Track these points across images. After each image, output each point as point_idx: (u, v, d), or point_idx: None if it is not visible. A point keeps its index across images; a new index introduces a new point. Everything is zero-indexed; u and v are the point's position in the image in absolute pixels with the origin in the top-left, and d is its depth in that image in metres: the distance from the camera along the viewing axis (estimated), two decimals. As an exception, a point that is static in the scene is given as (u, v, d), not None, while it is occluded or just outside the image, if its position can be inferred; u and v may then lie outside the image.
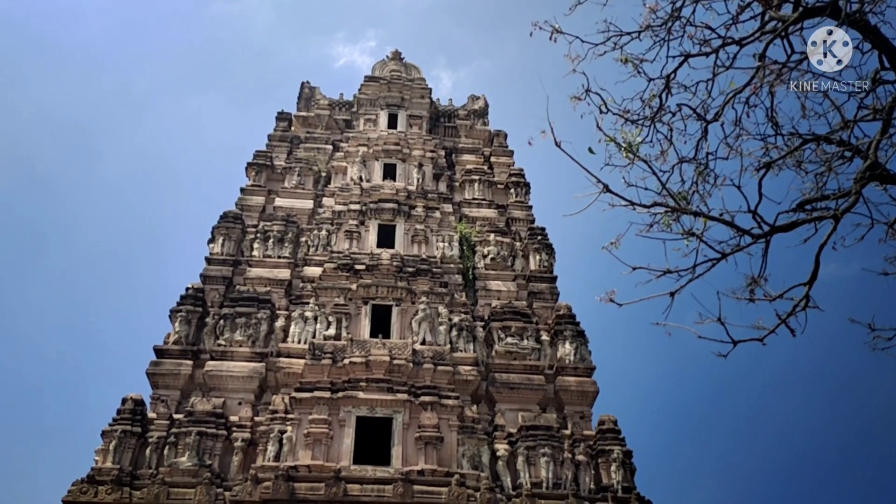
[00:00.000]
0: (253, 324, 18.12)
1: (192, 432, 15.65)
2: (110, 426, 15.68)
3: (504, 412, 17.41)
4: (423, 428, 15.90)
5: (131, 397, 16.31)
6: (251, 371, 17.38)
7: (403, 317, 18.61)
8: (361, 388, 16.43)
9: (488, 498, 14.88)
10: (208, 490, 14.72)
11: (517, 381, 17.88)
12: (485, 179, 23.96)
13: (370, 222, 21.25)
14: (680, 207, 6.07)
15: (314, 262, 20.39)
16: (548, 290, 20.54)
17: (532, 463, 16.03)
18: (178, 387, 17.17)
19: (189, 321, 18.19)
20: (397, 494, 14.57)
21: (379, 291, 18.93)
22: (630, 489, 15.80)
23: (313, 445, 15.53)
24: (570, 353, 18.43)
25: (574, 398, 17.77)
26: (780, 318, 5.54)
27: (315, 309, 18.47)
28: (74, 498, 14.47)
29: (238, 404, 16.98)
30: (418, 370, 17.12)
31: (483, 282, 20.69)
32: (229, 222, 21.11)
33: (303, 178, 23.39)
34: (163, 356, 17.63)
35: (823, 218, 5.80)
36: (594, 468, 16.33)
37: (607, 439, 16.59)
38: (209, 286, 19.62)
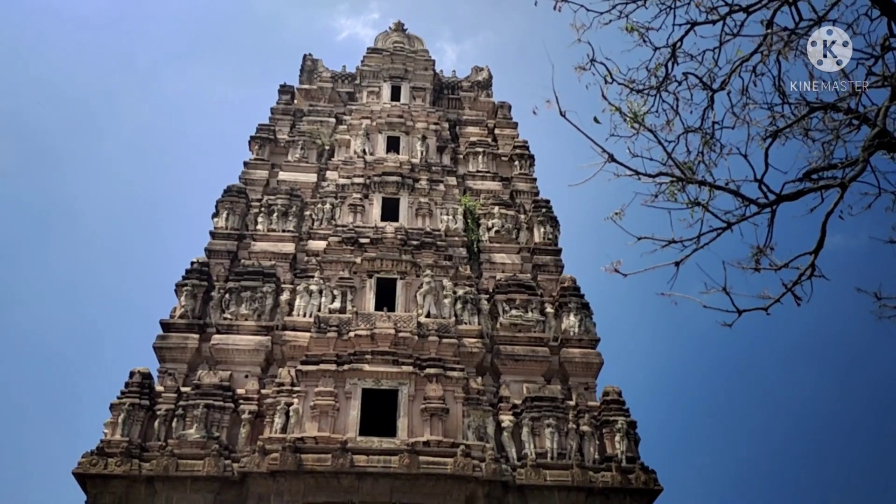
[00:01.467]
0: (258, 297, 18.19)
1: (200, 405, 15.79)
2: (118, 399, 15.83)
3: (509, 384, 17.50)
4: (428, 400, 16.01)
5: (139, 371, 16.44)
6: (257, 344, 17.48)
7: (408, 290, 18.65)
8: (367, 360, 16.52)
9: (493, 468, 15.03)
10: (217, 461, 14.89)
11: (522, 353, 17.95)
12: (489, 152, 23.85)
13: (374, 196, 21.20)
14: (685, 177, 6.03)
15: (318, 235, 20.40)
16: (552, 263, 20.54)
17: (537, 434, 16.15)
18: (184, 360, 17.29)
19: (195, 295, 18.26)
20: (403, 465, 14.71)
21: (383, 265, 18.95)
22: (634, 459, 15.93)
23: (320, 417, 15.66)
24: (575, 325, 18.48)
25: (578, 370, 17.85)
26: (786, 287, 5.52)
27: (320, 282, 18.52)
28: (84, 470, 14.65)
29: (245, 377, 17.10)
30: (423, 343, 17.19)
31: (487, 255, 20.70)
32: (233, 196, 21.09)
33: (306, 152, 23.31)
34: (169, 330, 17.73)
35: (830, 187, 5.75)
36: (598, 439, 16.45)
37: (612, 410, 16.68)
38: (214, 260, 19.67)
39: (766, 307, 5.70)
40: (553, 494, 15.18)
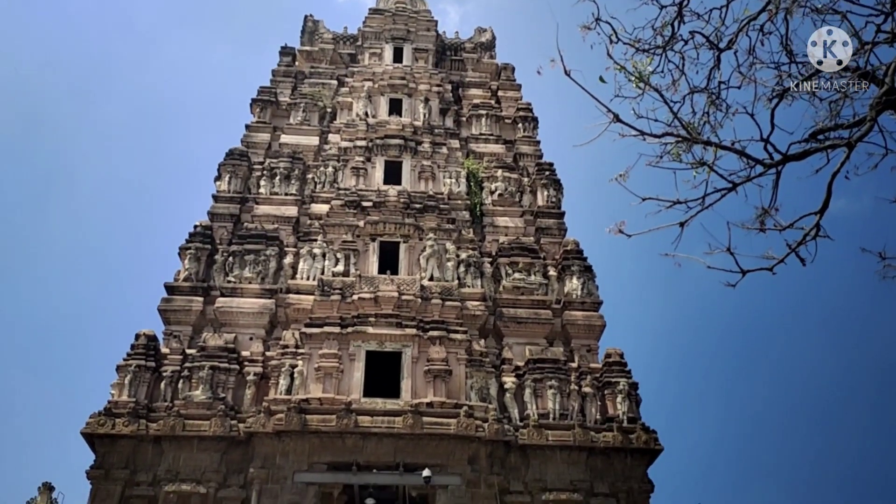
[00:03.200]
0: (262, 261, 18.23)
1: (206, 367, 15.93)
2: (125, 361, 15.97)
3: (511, 346, 17.61)
4: (431, 361, 16.13)
5: (144, 333, 16.56)
6: (261, 307, 17.57)
7: (411, 253, 18.66)
8: (370, 323, 16.61)
9: (496, 428, 15.20)
10: (223, 422, 15.08)
11: (524, 315, 18.03)
12: (492, 114, 23.65)
13: (376, 159, 21.10)
14: (691, 137, 5.97)
15: (321, 199, 20.36)
16: (555, 226, 20.52)
17: (539, 395, 16.30)
18: (189, 323, 17.40)
19: (198, 258, 18.30)
20: (407, 426, 14.88)
21: (386, 228, 18.94)
22: (635, 419, 16.10)
23: (324, 379, 15.80)
24: (578, 287, 18.52)
25: (581, 332, 17.95)
26: (790, 248, 5.50)
27: (323, 246, 18.54)
28: (93, 430, 14.85)
29: (249, 339, 17.23)
30: (426, 305, 17.27)
31: (490, 218, 20.66)
32: (235, 160, 21.01)
33: (308, 115, 23.14)
34: (173, 293, 17.81)
35: (837, 146, 5.70)
36: (600, 400, 16.60)
37: (613, 372, 16.81)
38: (217, 224, 19.67)
39: (771, 267, 5.69)
40: (555, 454, 15.38)
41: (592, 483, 15.25)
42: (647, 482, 15.40)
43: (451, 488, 14.63)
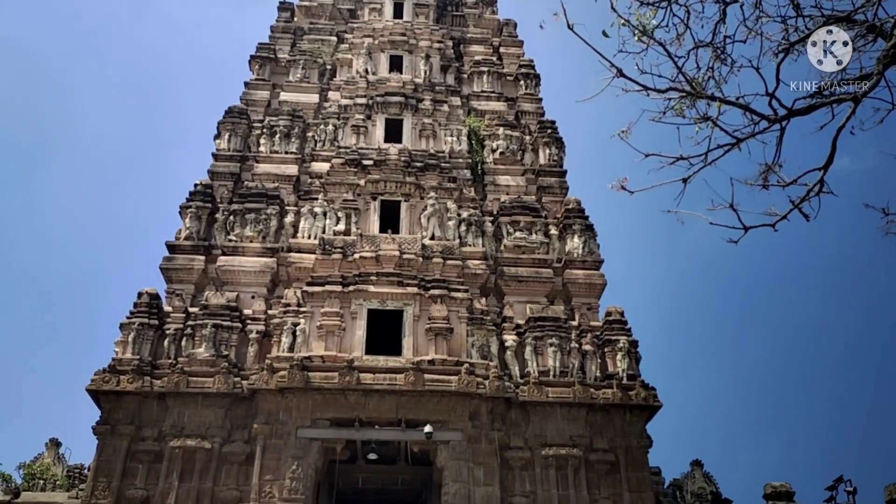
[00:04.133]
0: (262, 219, 18.20)
1: (208, 325, 16.02)
2: (128, 319, 16.06)
3: (512, 304, 17.68)
4: (432, 320, 16.22)
5: (147, 291, 16.62)
6: (263, 266, 17.60)
7: (412, 212, 18.63)
8: (372, 281, 16.66)
9: (497, 385, 15.35)
10: (226, 379, 15.23)
11: (525, 274, 18.07)
12: (494, 71, 23.37)
13: (377, 116, 20.92)
14: (695, 92, 5.90)
15: (321, 157, 20.24)
16: (557, 185, 20.43)
17: (539, 352, 16.42)
18: (191, 281, 17.46)
19: (199, 217, 18.28)
20: (409, 383, 15.03)
21: (387, 187, 18.88)
22: (635, 377, 16.25)
23: (326, 337, 15.91)
24: (579, 246, 18.52)
25: (582, 290, 18.00)
26: (794, 204, 5.48)
27: (324, 204, 18.49)
28: (98, 387, 15.01)
29: (251, 298, 17.30)
30: (428, 264, 17.29)
31: (492, 176, 20.57)
32: (234, 118, 20.83)
33: (307, 72, 22.87)
34: (175, 251, 17.84)
35: (843, 101, 5.63)
36: (600, 357, 16.73)
37: (614, 330, 16.91)
38: (217, 182, 19.60)
39: (773, 223, 5.67)
40: (555, 410, 15.55)
41: (592, 438, 15.46)
42: (645, 438, 15.61)
43: (453, 444, 14.84)
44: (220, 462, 14.71)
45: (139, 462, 14.67)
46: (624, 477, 15.11)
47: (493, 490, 14.56)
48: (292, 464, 14.37)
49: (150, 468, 14.62)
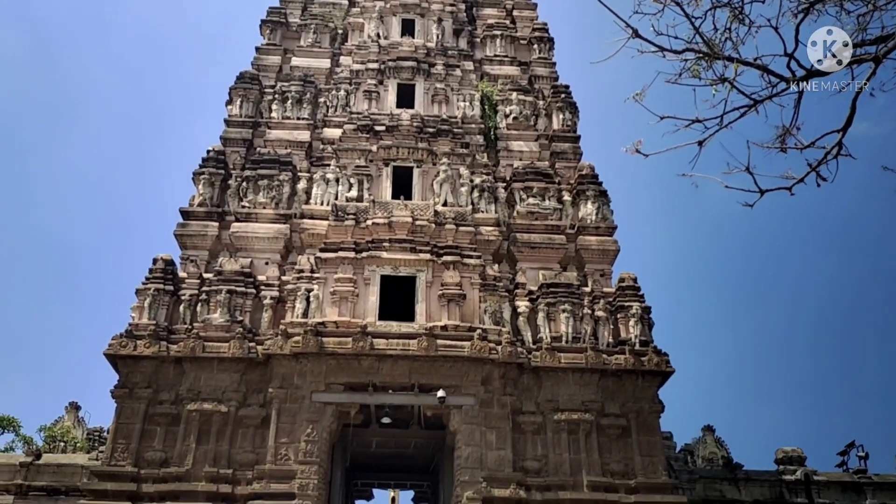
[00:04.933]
0: (275, 186, 18.20)
1: (223, 290, 16.14)
2: (143, 285, 16.20)
3: (525, 271, 17.67)
4: (445, 286, 16.25)
5: (161, 257, 16.73)
6: (276, 232, 17.65)
7: (425, 178, 18.57)
8: (385, 248, 16.68)
9: (509, 351, 15.42)
10: (241, 344, 15.38)
11: (538, 240, 18.02)
12: (507, 35, 23.05)
13: (389, 81, 20.74)
14: (712, 53, 5.79)
15: (333, 123, 20.15)
16: (570, 150, 20.26)
17: (552, 318, 16.44)
18: (205, 247, 17.55)
19: (212, 183, 18.31)
20: (422, 348, 15.13)
21: (399, 153, 18.80)
22: (647, 342, 16.26)
23: (339, 303, 16.00)
24: (592, 212, 18.42)
25: (595, 257, 17.95)
26: (811, 167, 5.40)
27: (336, 171, 18.45)
28: (115, 351, 15.21)
29: (265, 264, 17.38)
30: (440, 230, 17.28)
31: (505, 142, 20.41)
32: (246, 83, 20.73)
33: (319, 36, 22.65)
34: (189, 218, 17.91)
35: (863, 61, 5.52)
36: (613, 323, 16.74)
37: (627, 296, 16.89)
38: (230, 148, 19.58)
39: (790, 187, 5.60)
40: (567, 376, 15.62)
41: (604, 403, 15.54)
42: (657, 403, 15.66)
43: (465, 408, 14.97)
44: (237, 425, 14.93)
45: (157, 425, 14.92)
46: (635, 441, 15.21)
47: (505, 454, 14.71)
48: (307, 427, 14.57)
49: (168, 431, 14.87)
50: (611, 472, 14.95)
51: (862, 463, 19.25)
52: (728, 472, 18.17)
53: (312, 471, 14.16)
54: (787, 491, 17.84)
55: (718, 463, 19.81)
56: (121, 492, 14.05)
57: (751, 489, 17.71)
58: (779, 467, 18.61)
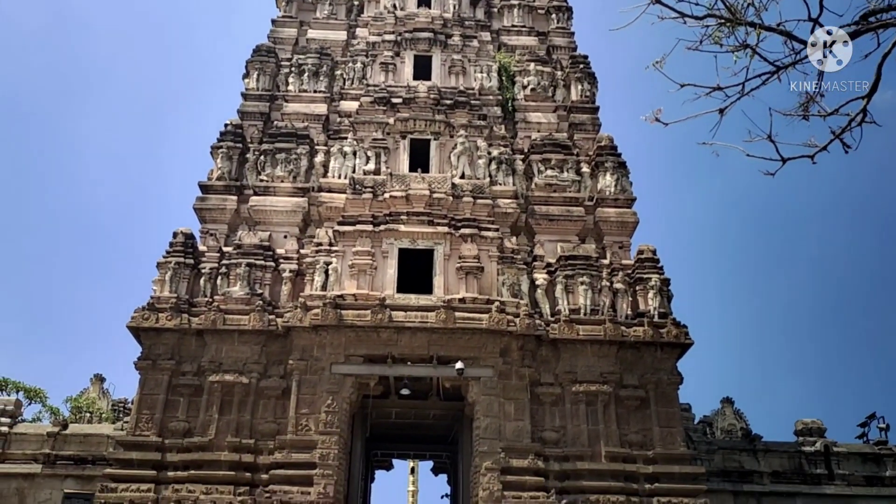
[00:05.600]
0: (293, 159, 18.23)
1: (242, 264, 16.28)
2: (164, 258, 16.37)
3: (543, 243, 17.64)
4: (463, 259, 16.27)
5: (181, 231, 16.88)
6: (294, 206, 17.71)
7: (442, 151, 18.50)
8: (402, 221, 16.70)
9: (527, 323, 15.45)
10: (261, 316, 15.54)
11: (557, 212, 17.95)
12: (524, 4, 22.75)
13: (405, 53, 20.60)
14: (734, 18, 5.68)
15: (350, 95, 20.10)
16: (589, 121, 20.07)
17: (570, 291, 16.43)
18: (224, 221, 17.66)
19: (230, 157, 18.37)
20: (440, 321, 15.19)
21: (416, 125, 18.72)
22: (666, 314, 16.21)
23: (358, 276, 16.08)
24: (611, 184, 18.29)
25: (613, 229, 17.86)
26: (834, 134, 5.31)
27: (353, 144, 18.44)
28: (138, 324, 15.43)
29: (283, 237, 17.48)
30: (458, 203, 17.26)
31: (523, 113, 20.26)
32: (262, 56, 20.68)
33: (335, 8, 22.50)
34: (208, 192, 18.01)
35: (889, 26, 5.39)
36: (632, 296, 16.69)
37: (645, 268, 16.81)
38: (247, 122, 19.61)
39: (812, 155, 5.51)
40: (585, 348, 15.64)
41: (622, 375, 15.56)
42: (676, 374, 15.66)
43: (484, 380, 15.06)
44: (258, 396, 15.14)
45: (180, 396, 15.16)
46: (654, 412, 15.24)
47: (523, 424, 14.81)
48: (327, 398, 14.75)
49: (191, 401, 15.12)
50: (629, 442, 15.01)
51: (882, 434, 19.19)
52: (747, 443, 18.18)
53: (333, 441, 14.36)
54: (806, 462, 17.84)
55: (737, 434, 19.82)
56: (146, 461, 14.34)
57: (770, 460, 17.73)
58: (798, 439, 18.59)
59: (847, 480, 17.62)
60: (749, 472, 17.48)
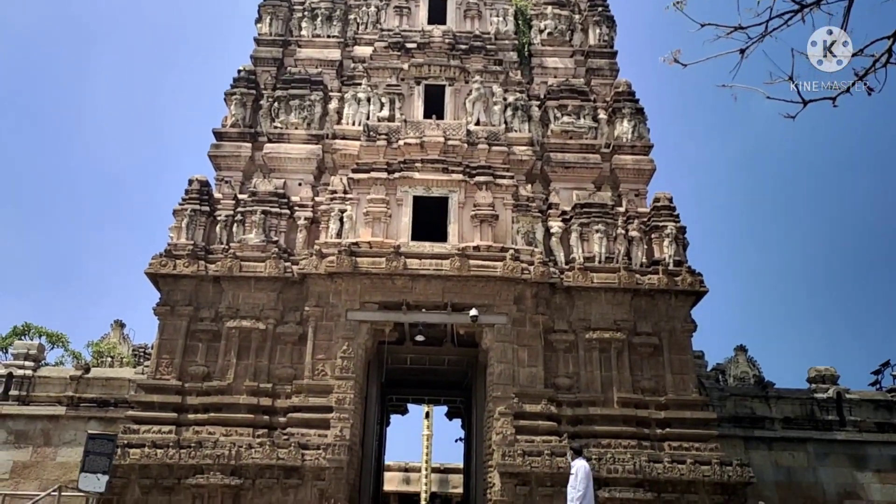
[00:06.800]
0: (307, 106, 18.09)
1: (257, 211, 16.32)
2: (180, 205, 16.44)
3: (559, 191, 17.52)
4: (478, 206, 16.22)
5: (197, 178, 16.90)
6: (308, 153, 17.65)
7: (457, 97, 18.28)
8: (417, 168, 16.62)
9: (542, 271, 15.47)
10: (277, 263, 15.65)
11: (572, 160, 17.78)
12: (542, -55, 22.11)
13: (420, -4, 20.17)
14: (759, -46, 5.50)
15: (364, 41, 19.81)
16: (607, 67, 19.70)
17: (585, 239, 16.38)
18: (239, 168, 17.66)
19: (244, 104, 18.25)
20: (454, 268, 15.23)
21: (431, 71, 18.46)
22: (681, 262, 16.15)
23: (372, 223, 16.10)
24: (628, 130, 18.04)
25: (630, 176, 17.69)
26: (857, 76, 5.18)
27: (367, 90, 18.25)
28: (155, 270, 15.60)
29: (298, 185, 17.47)
30: (473, 150, 17.12)
31: (539, 59, 19.91)
32: (275, 0, 20.35)
33: (348, -50, 21.97)
34: (222, 139, 17.97)
35: (920, -39, 5.20)
36: (647, 244, 16.62)
37: (661, 216, 16.70)
38: (260, 68, 19.43)
39: (834, 97, 5.39)
40: (599, 295, 15.66)
41: (636, 323, 15.60)
42: (690, 322, 15.68)
43: (498, 327, 15.17)
44: (275, 342, 15.36)
45: (199, 341, 15.40)
46: (667, 359, 15.33)
47: (537, 371, 14.96)
48: (343, 344, 14.94)
49: (210, 346, 15.36)
50: (641, 389, 15.14)
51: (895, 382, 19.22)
52: (759, 390, 18.28)
53: (349, 385, 14.59)
54: (817, 408, 17.95)
55: (750, 382, 19.92)
56: (167, 403, 14.67)
57: (781, 406, 17.85)
58: (811, 386, 18.67)
59: (858, 427, 17.74)
60: (760, 419, 17.62)
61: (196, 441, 13.96)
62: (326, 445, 13.84)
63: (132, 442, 13.86)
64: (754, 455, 17.04)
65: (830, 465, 17.31)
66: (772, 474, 17.05)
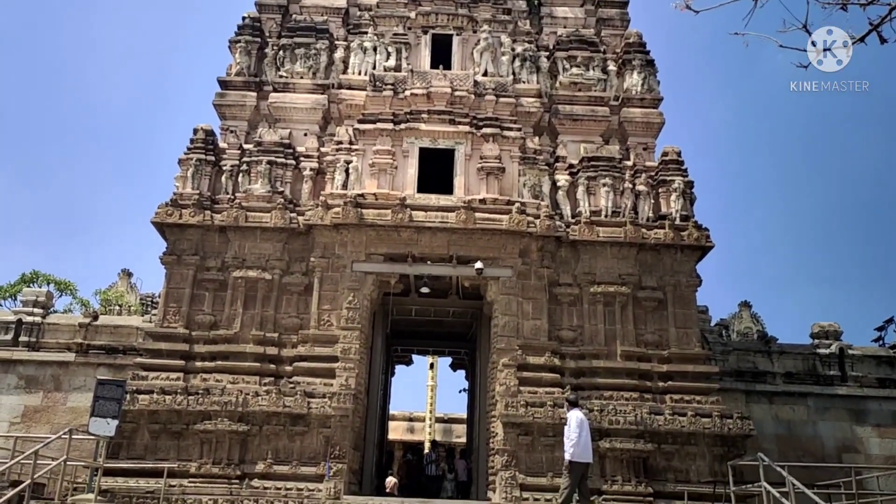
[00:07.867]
0: (312, 55, 17.85)
1: (263, 161, 16.25)
2: (185, 155, 16.38)
3: (566, 144, 17.37)
4: (484, 159, 16.11)
5: (202, 128, 16.79)
6: (314, 103, 17.48)
7: (464, 47, 18.00)
8: (423, 119, 16.47)
9: (547, 224, 15.44)
10: (283, 214, 15.65)
11: (581, 112, 17.58)
12: None
13: (428, -58, 19.69)
14: None
15: (370, -12, 19.43)
16: (618, 17, 19.32)
17: (592, 192, 16.29)
18: (244, 118, 17.52)
19: (249, 52, 18.01)
20: (460, 221, 15.21)
21: (438, 19, 18.16)
22: (688, 217, 16.08)
23: (378, 175, 16.03)
24: (638, 83, 17.78)
25: (638, 129, 17.49)
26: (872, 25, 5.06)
27: (374, 39, 17.97)
28: (162, 219, 15.63)
29: (304, 135, 17.35)
30: (480, 102, 16.93)
31: (549, 8, 19.52)
32: (280, -55, 19.89)
33: None
34: (227, 87, 17.79)
35: None
36: (654, 198, 16.52)
37: (669, 170, 16.57)
38: (265, 15, 19.11)
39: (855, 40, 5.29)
40: (605, 249, 15.65)
41: (641, 277, 15.61)
42: (694, 277, 15.68)
43: (503, 279, 15.21)
44: (281, 292, 15.44)
45: (205, 290, 15.50)
46: (671, 313, 15.37)
47: (541, 323, 15.05)
48: (348, 295, 15.02)
49: (216, 296, 15.46)
50: (645, 342, 15.23)
51: (898, 339, 19.30)
52: (762, 344, 18.39)
53: (354, 336, 14.72)
54: (820, 363, 18.08)
55: (753, 337, 20.04)
56: (174, 351, 14.85)
57: (784, 361, 17.98)
58: (814, 341, 18.77)
59: (860, 382, 17.88)
60: (762, 373, 17.77)
61: (204, 388, 14.16)
62: (332, 394, 14.03)
63: (141, 388, 14.07)
64: (755, 408, 17.24)
65: (830, 420, 17.52)
66: (772, 427, 17.27)
